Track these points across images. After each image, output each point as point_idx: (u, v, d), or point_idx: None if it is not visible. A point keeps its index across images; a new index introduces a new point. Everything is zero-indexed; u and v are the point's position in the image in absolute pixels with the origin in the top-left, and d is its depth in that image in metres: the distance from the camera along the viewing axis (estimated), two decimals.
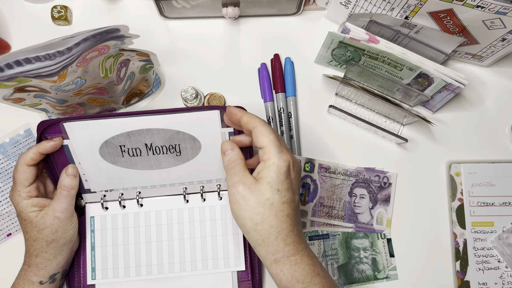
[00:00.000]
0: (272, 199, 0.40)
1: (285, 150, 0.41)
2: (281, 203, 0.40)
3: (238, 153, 0.44)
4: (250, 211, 0.40)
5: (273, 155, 0.40)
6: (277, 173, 0.40)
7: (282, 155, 0.40)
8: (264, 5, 0.61)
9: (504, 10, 0.47)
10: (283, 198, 0.40)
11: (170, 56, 0.63)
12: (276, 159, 0.40)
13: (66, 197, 0.49)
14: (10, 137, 0.59)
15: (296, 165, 0.42)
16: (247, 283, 0.54)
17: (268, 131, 0.41)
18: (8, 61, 0.38)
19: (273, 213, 0.40)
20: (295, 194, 0.41)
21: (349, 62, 0.58)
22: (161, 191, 0.55)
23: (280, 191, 0.40)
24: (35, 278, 0.49)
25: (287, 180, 0.40)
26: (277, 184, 0.40)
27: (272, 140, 0.41)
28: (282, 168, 0.40)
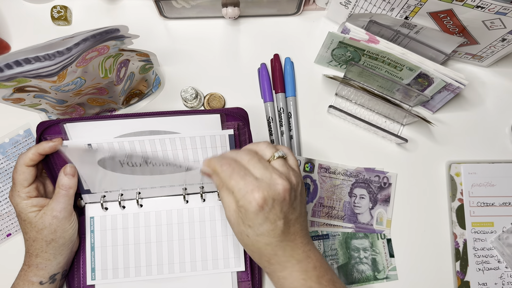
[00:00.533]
0: (246, 232, 0.41)
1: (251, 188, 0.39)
2: (255, 236, 0.41)
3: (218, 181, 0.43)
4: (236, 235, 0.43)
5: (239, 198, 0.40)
6: (245, 213, 0.40)
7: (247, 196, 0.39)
8: (264, 5, 0.61)
9: (504, 10, 0.47)
10: (256, 232, 0.41)
11: (170, 56, 0.63)
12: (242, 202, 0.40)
13: (64, 197, 0.49)
14: (9, 137, 0.59)
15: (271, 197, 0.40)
16: (247, 283, 0.54)
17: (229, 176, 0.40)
18: (7, 61, 0.38)
19: (251, 243, 0.42)
20: (277, 222, 0.40)
21: (349, 62, 0.58)
22: (161, 191, 0.55)
23: (252, 227, 0.41)
24: (35, 279, 0.49)
25: (258, 217, 0.40)
26: (248, 221, 0.41)
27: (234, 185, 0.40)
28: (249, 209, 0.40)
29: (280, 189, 0.40)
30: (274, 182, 0.40)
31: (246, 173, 0.40)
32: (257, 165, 0.41)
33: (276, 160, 0.42)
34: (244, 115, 0.51)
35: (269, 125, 0.61)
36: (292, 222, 0.42)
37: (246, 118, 0.51)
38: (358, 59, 0.57)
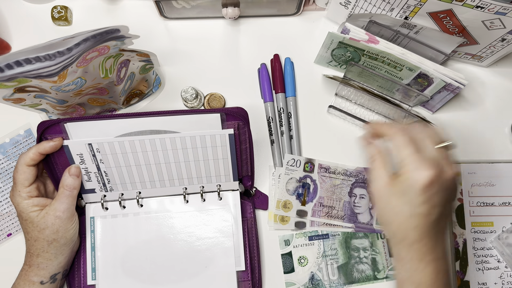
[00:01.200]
0: (399, 210, 0.40)
1: (425, 163, 0.39)
2: (409, 216, 0.40)
3: (374, 149, 0.43)
4: (379, 210, 0.42)
5: (410, 169, 0.39)
6: (410, 188, 0.39)
7: (419, 172, 0.39)
8: (264, 5, 0.61)
9: (504, 10, 0.47)
10: (412, 211, 0.40)
11: (170, 56, 0.63)
12: (411, 174, 0.39)
13: (68, 197, 0.49)
14: (10, 137, 0.59)
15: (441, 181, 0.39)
16: (247, 283, 0.55)
17: (405, 144, 0.40)
18: (8, 62, 0.38)
19: (399, 222, 0.41)
20: (436, 208, 0.40)
21: (349, 62, 0.58)
22: (161, 191, 0.55)
23: (411, 205, 0.40)
24: (36, 278, 0.49)
25: (423, 196, 0.39)
26: (408, 198, 0.40)
27: (409, 154, 0.40)
28: (417, 184, 0.39)
29: (449, 176, 0.40)
30: (445, 168, 0.40)
31: (421, 148, 0.40)
32: (430, 146, 0.41)
33: (443, 147, 0.42)
34: (244, 114, 0.51)
35: (269, 125, 0.61)
36: (445, 216, 0.41)
37: (246, 117, 0.51)
38: (358, 59, 0.57)
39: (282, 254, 0.58)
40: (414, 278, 0.41)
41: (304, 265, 0.58)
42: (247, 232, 0.56)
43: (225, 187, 0.56)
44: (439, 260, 0.42)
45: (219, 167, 0.54)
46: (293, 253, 0.58)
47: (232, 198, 0.56)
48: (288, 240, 0.58)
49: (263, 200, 0.58)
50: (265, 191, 0.59)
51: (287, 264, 0.58)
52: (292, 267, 0.58)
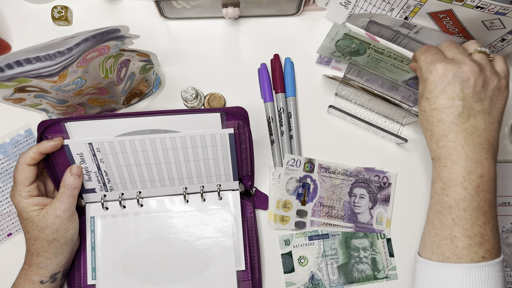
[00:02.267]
0: (423, 106, 0.44)
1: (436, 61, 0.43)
2: (430, 110, 0.43)
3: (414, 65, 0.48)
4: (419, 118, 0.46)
5: (423, 69, 0.44)
6: (425, 84, 0.44)
7: (430, 67, 0.43)
8: (264, 5, 0.61)
9: (504, 10, 0.47)
10: (432, 105, 0.43)
11: (170, 56, 0.63)
12: (423, 72, 0.44)
13: (69, 197, 0.49)
14: (10, 137, 0.59)
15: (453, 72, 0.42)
16: (247, 283, 0.55)
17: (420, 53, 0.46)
18: (8, 61, 0.38)
19: (425, 118, 0.44)
20: (454, 100, 0.42)
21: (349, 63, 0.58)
22: (162, 191, 0.55)
23: (429, 99, 0.43)
24: (36, 278, 0.49)
25: (436, 88, 0.43)
26: (426, 93, 0.44)
27: (422, 60, 0.45)
28: (428, 79, 0.43)
29: (465, 68, 0.42)
30: (462, 62, 0.43)
31: (438, 51, 0.45)
32: (453, 50, 0.45)
33: (478, 53, 0.45)
34: (244, 114, 0.51)
35: (269, 125, 0.61)
36: (474, 113, 0.43)
37: (246, 117, 0.51)
38: (364, 51, 0.56)
39: (282, 254, 0.58)
40: (442, 175, 0.43)
41: (304, 265, 0.58)
42: (247, 232, 0.56)
43: (225, 186, 0.56)
44: (471, 161, 0.42)
45: (219, 166, 0.54)
46: (293, 253, 0.58)
47: (232, 198, 0.56)
48: (288, 240, 0.59)
49: (263, 200, 0.58)
50: (265, 191, 0.59)
51: (287, 264, 0.58)
52: (292, 267, 0.58)
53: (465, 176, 0.42)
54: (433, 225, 0.44)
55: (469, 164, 0.42)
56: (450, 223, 0.42)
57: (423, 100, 0.44)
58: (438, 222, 0.44)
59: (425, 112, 0.44)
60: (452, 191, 0.42)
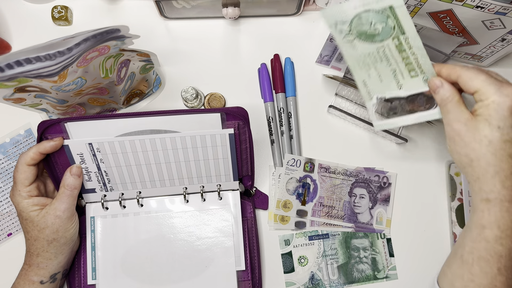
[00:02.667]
0: (490, 136, 0.37)
1: (505, 84, 0.37)
2: (502, 142, 0.37)
3: (449, 89, 0.40)
4: (465, 147, 0.38)
5: (491, 93, 0.37)
6: (497, 109, 0.37)
7: (503, 89, 0.37)
8: (264, 5, 0.61)
9: (504, 10, 0.47)
10: (505, 136, 0.37)
11: (170, 56, 0.63)
12: (495, 97, 0.37)
13: (69, 197, 0.49)
14: (10, 137, 0.59)
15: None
16: (247, 283, 0.55)
17: (475, 74, 0.38)
18: (8, 61, 0.38)
19: (491, 151, 0.37)
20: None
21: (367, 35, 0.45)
22: (162, 191, 0.55)
23: (502, 128, 0.37)
24: (36, 278, 0.49)
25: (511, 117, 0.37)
26: (498, 121, 0.37)
27: (484, 80, 0.38)
28: (504, 104, 0.37)
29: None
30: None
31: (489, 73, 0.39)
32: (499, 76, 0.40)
33: None
34: (244, 114, 0.51)
35: (269, 125, 0.61)
36: None
37: (246, 117, 0.51)
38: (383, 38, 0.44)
39: (282, 254, 0.58)
40: (501, 222, 0.37)
41: (304, 265, 0.58)
42: (247, 232, 0.56)
43: (225, 186, 0.56)
44: None
45: (219, 166, 0.54)
46: (293, 252, 0.58)
47: (232, 198, 0.56)
48: (288, 240, 0.59)
49: (263, 200, 0.58)
50: (265, 191, 0.59)
51: (287, 264, 0.58)
52: (292, 267, 0.58)
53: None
54: (471, 271, 0.39)
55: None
56: (495, 272, 0.38)
57: (489, 127, 0.37)
58: (478, 269, 0.39)
59: (492, 144, 0.37)
60: (509, 239, 0.37)
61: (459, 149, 0.39)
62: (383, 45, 0.45)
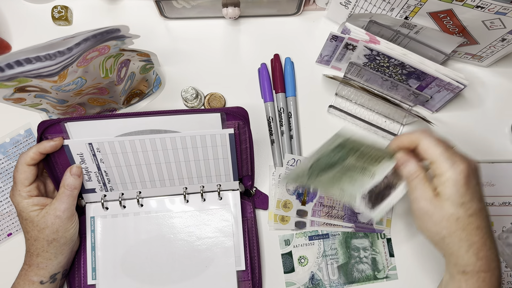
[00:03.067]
0: (457, 214, 0.38)
1: (458, 160, 0.38)
2: (467, 216, 0.38)
3: (415, 165, 0.41)
4: (436, 226, 0.39)
5: (446, 169, 0.38)
6: (455, 187, 0.38)
7: (456, 166, 0.38)
8: (264, 5, 0.61)
9: (504, 10, 0.47)
10: (469, 211, 0.38)
11: (171, 56, 0.63)
12: (450, 174, 0.38)
13: (69, 197, 0.49)
14: (10, 137, 0.59)
15: (474, 171, 0.39)
16: (247, 283, 0.55)
17: (434, 144, 0.39)
18: (8, 61, 0.38)
19: (461, 227, 0.38)
20: (481, 202, 0.39)
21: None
22: (162, 191, 0.55)
23: (464, 204, 0.38)
24: (36, 278, 0.49)
25: (469, 191, 0.38)
26: (459, 198, 0.38)
27: (440, 153, 0.39)
28: (460, 181, 0.38)
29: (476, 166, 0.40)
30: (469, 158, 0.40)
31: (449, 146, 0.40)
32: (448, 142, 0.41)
33: None
34: (244, 114, 0.51)
35: (269, 125, 0.61)
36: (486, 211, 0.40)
37: (246, 117, 0.51)
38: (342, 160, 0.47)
39: (282, 254, 0.58)
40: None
41: (304, 265, 0.58)
42: (247, 232, 0.56)
43: (225, 186, 0.56)
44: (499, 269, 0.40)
45: (219, 166, 0.54)
46: (293, 253, 0.58)
47: (232, 198, 0.56)
48: (288, 240, 0.58)
49: (263, 200, 0.58)
50: (265, 191, 0.59)
51: (287, 264, 0.58)
52: (292, 267, 0.58)
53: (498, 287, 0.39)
54: None
55: (499, 272, 0.39)
56: None
57: (453, 205, 0.38)
58: None
59: (460, 220, 0.38)
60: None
61: (430, 227, 0.40)
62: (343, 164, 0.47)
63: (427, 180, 0.40)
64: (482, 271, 0.39)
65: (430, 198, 0.39)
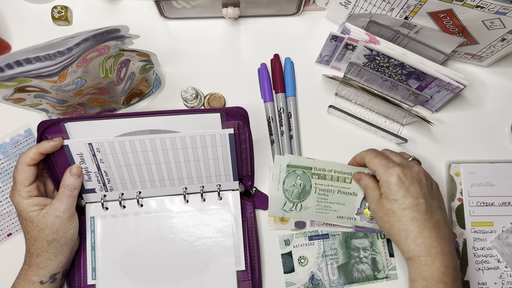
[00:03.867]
0: (392, 208, 0.47)
1: (392, 165, 0.48)
2: (401, 210, 0.46)
3: (366, 179, 0.52)
4: (381, 221, 0.49)
5: (382, 174, 0.48)
6: (388, 187, 0.47)
7: (389, 170, 0.47)
8: (264, 5, 0.61)
9: (504, 10, 0.47)
10: (402, 206, 0.46)
11: (170, 56, 0.63)
12: (384, 177, 0.48)
13: (69, 197, 0.49)
14: (10, 137, 0.59)
15: (409, 174, 0.47)
16: (247, 283, 0.55)
17: (372, 157, 0.50)
18: (8, 61, 0.38)
19: (397, 219, 0.47)
20: (419, 198, 0.46)
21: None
22: (161, 191, 0.55)
23: (397, 200, 0.47)
24: (36, 278, 0.49)
25: (401, 189, 0.46)
26: (392, 196, 0.47)
27: (377, 163, 0.49)
28: (391, 182, 0.47)
29: (416, 170, 0.48)
30: (411, 165, 0.49)
31: (388, 157, 0.50)
32: (397, 156, 0.51)
33: (413, 160, 0.52)
34: (244, 114, 0.51)
35: (269, 125, 0.61)
36: (434, 208, 0.47)
37: (246, 117, 0.51)
38: (309, 183, 0.56)
39: (282, 254, 0.58)
40: (424, 274, 0.45)
41: (304, 265, 0.58)
42: (247, 232, 0.56)
43: (225, 187, 0.56)
44: (446, 255, 0.45)
45: (219, 166, 0.54)
46: (293, 253, 0.58)
47: (232, 198, 0.56)
48: (288, 240, 0.58)
49: (263, 200, 0.58)
50: (265, 191, 0.59)
51: (287, 264, 0.58)
52: (292, 267, 0.58)
53: (445, 271, 0.44)
54: None
55: (446, 258, 0.45)
56: None
57: (389, 202, 0.47)
58: None
59: (396, 213, 0.46)
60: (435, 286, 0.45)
61: (379, 223, 0.49)
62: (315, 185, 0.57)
63: (377, 187, 0.50)
64: (423, 255, 0.45)
65: (376, 199, 0.49)
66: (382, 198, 0.48)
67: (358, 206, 0.57)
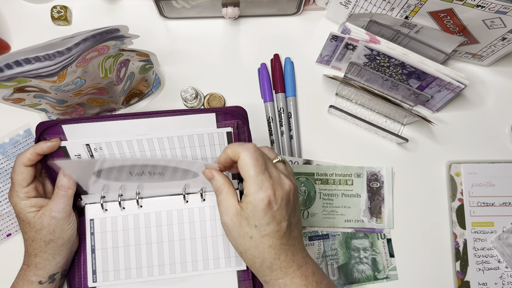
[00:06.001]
0: (250, 233, 0.40)
1: (265, 187, 0.39)
2: (260, 237, 0.40)
3: (219, 180, 0.43)
4: (234, 241, 0.42)
5: (251, 192, 0.40)
6: (253, 211, 0.40)
7: (261, 192, 0.39)
8: (264, 5, 0.61)
9: (504, 9, 0.47)
10: (262, 232, 0.40)
11: (170, 56, 0.63)
12: (252, 198, 0.39)
13: (63, 197, 0.49)
14: (9, 137, 0.59)
15: (279, 195, 0.40)
16: (247, 283, 0.54)
17: (249, 166, 0.40)
18: (7, 62, 0.38)
19: (254, 245, 0.41)
20: (282, 223, 0.41)
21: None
22: (161, 191, 0.55)
23: (258, 227, 0.40)
24: (35, 278, 0.49)
25: (267, 216, 0.40)
26: (254, 221, 0.40)
27: (252, 176, 0.39)
28: (259, 206, 0.39)
29: (287, 188, 0.41)
30: (283, 181, 0.41)
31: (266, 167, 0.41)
32: (270, 163, 0.42)
33: (279, 162, 0.43)
34: (243, 113, 0.51)
35: (269, 125, 0.61)
36: (293, 225, 0.42)
37: (245, 116, 0.51)
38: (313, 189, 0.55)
39: None
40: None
41: None
42: None
43: None
44: (303, 267, 0.42)
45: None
46: None
47: None
48: None
49: None
50: None
51: None
52: None
53: (305, 283, 0.42)
54: None
55: (303, 270, 0.42)
56: None
57: (248, 226, 0.40)
58: None
59: (253, 239, 0.40)
60: None
61: (231, 240, 0.42)
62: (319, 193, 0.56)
63: (233, 195, 0.42)
64: (280, 278, 0.41)
65: (233, 214, 0.41)
66: (242, 217, 0.40)
67: (364, 208, 0.56)
